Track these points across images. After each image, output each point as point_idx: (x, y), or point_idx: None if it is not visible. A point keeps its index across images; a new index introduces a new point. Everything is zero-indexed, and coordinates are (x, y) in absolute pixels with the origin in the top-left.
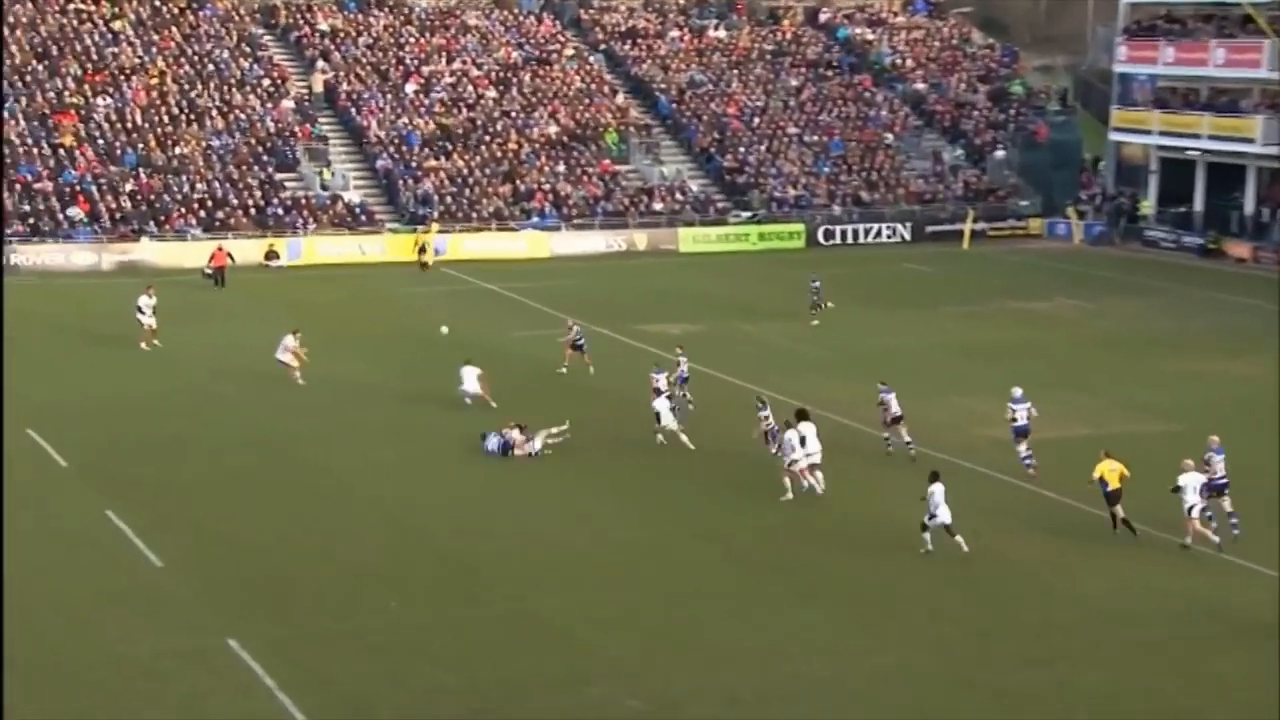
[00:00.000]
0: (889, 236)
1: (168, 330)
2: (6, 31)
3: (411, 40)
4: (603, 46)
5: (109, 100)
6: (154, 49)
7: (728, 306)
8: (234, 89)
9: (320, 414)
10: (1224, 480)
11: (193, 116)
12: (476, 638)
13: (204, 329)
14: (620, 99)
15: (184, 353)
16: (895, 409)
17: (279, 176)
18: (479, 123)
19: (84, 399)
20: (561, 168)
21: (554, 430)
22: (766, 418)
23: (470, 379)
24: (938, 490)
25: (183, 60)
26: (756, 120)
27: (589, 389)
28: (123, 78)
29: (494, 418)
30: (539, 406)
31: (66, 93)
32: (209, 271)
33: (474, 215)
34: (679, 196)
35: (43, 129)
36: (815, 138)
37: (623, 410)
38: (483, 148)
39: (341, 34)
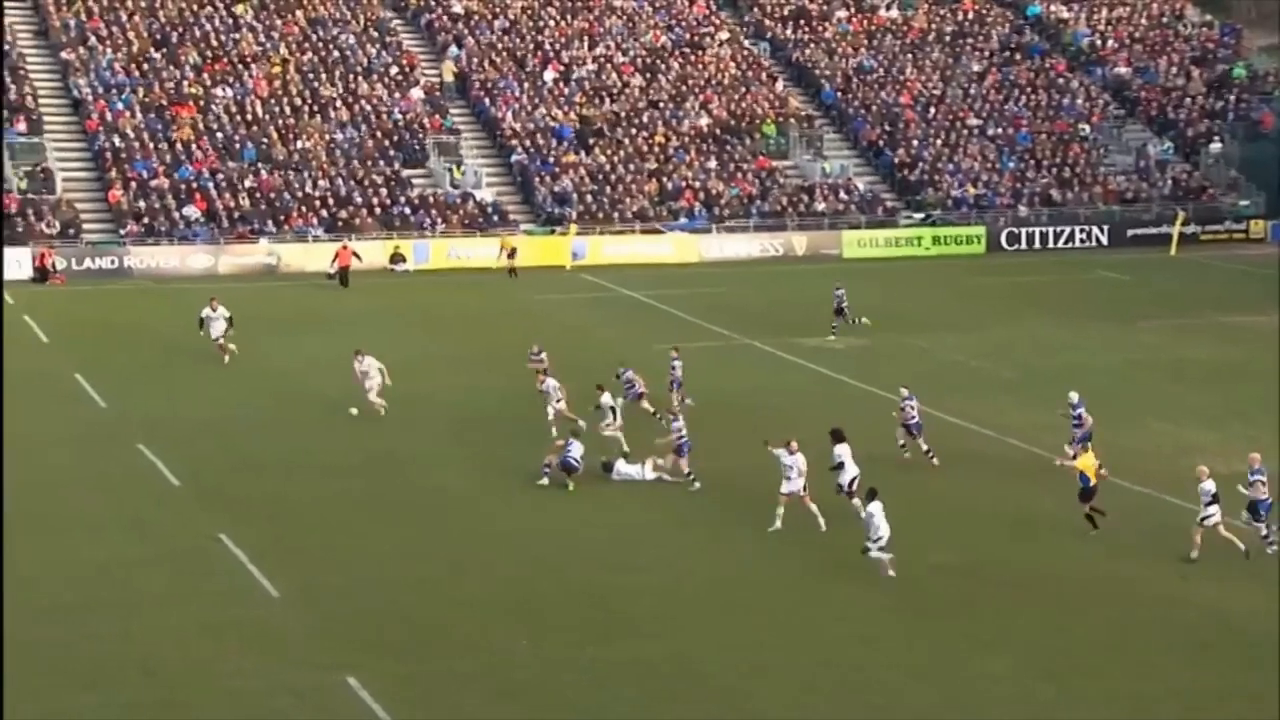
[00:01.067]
0: (1083, 240)
1: (285, 340)
2: (124, 17)
3: (551, 24)
4: (761, 29)
5: (228, 91)
6: (276, 35)
7: (896, 318)
8: (360, 78)
9: (443, 433)
10: (1267, 500)
11: (315, 108)
12: (613, 680)
13: (322, 339)
14: (780, 87)
15: (300, 364)
16: (915, 417)
17: (406, 173)
18: (623, 114)
19: (197, 413)
20: (713, 163)
21: (662, 465)
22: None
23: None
24: (877, 510)
25: (306, 47)
26: (933, 110)
27: (734, 407)
28: (243, 66)
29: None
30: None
31: (185, 83)
32: (332, 272)
33: (616, 215)
34: (843, 195)
35: (159, 121)
36: (999, 130)
37: (765, 432)
38: (627, 141)
39: (476, 17)
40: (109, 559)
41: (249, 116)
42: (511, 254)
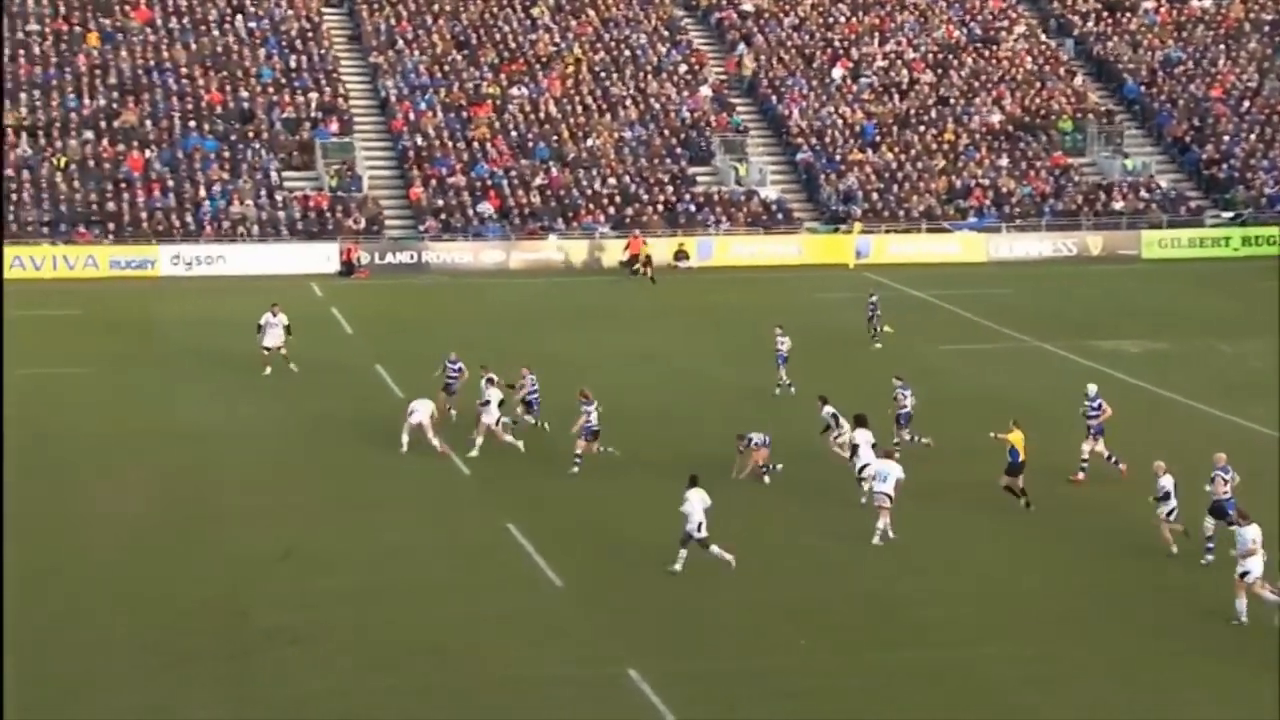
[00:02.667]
0: None
1: (574, 334)
2: (430, 20)
3: (842, 20)
4: (1066, 24)
5: (524, 90)
6: (570, 35)
7: (1199, 322)
8: (650, 76)
9: (729, 433)
10: (1228, 499)
11: (606, 106)
12: (894, 686)
13: (609, 334)
14: (1078, 82)
15: (589, 356)
16: (908, 407)
17: (692, 170)
18: (912, 110)
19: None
20: (1004, 161)
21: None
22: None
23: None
24: (694, 496)
25: (599, 47)
26: (1246, 104)
27: (1019, 411)
28: (538, 66)
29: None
30: (954, 427)
31: (484, 83)
32: (625, 259)
33: (902, 214)
34: (1144, 194)
35: (458, 121)
36: None
37: (1050, 439)
38: (915, 139)
39: (766, 15)
40: (401, 545)
41: (542, 115)
42: (647, 260)
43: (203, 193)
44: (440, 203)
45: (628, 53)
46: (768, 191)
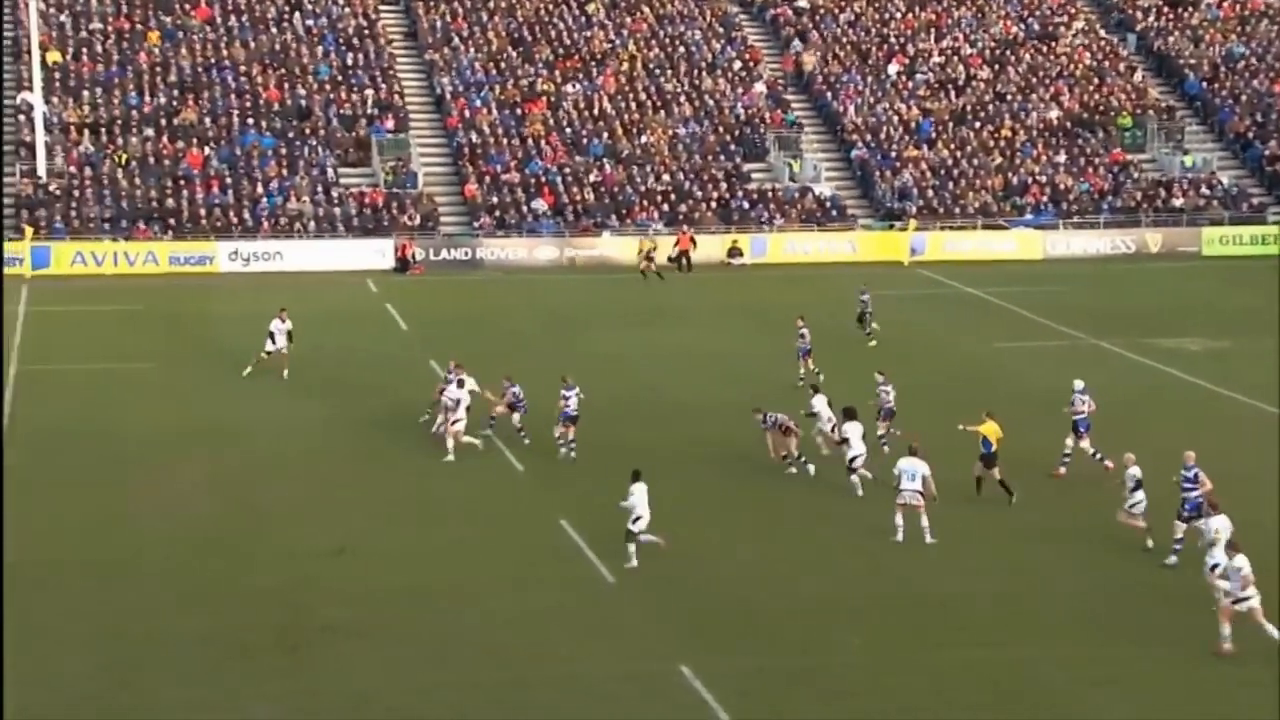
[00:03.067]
0: None
1: (624, 332)
2: (485, 17)
3: (898, 16)
4: (1128, 19)
5: (578, 87)
6: (625, 32)
7: (1261, 320)
8: (704, 73)
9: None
10: (1196, 500)
11: (660, 103)
12: (948, 686)
13: (658, 331)
14: (1138, 77)
15: (636, 353)
16: (890, 403)
17: (746, 167)
18: (968, 107)
19: (540, 399)
20: (1062, 157)
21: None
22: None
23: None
24: (639, 490)
25: (654, 44)
26: None
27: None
28: (593, 63)
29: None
30: (1008, 426)
31: (538, 80)
32: (673, 255)
33: (957, 211)
34: (1204, 191)
35: (513, 118)
36: None
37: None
38: (971, 135)
39: (822, 11)
40: (455, 540)
41: (596, 112)
42: (649, 256)
43: (260, 189)
44: (495, 199)
45: (682, 49)
46: (822, 188)
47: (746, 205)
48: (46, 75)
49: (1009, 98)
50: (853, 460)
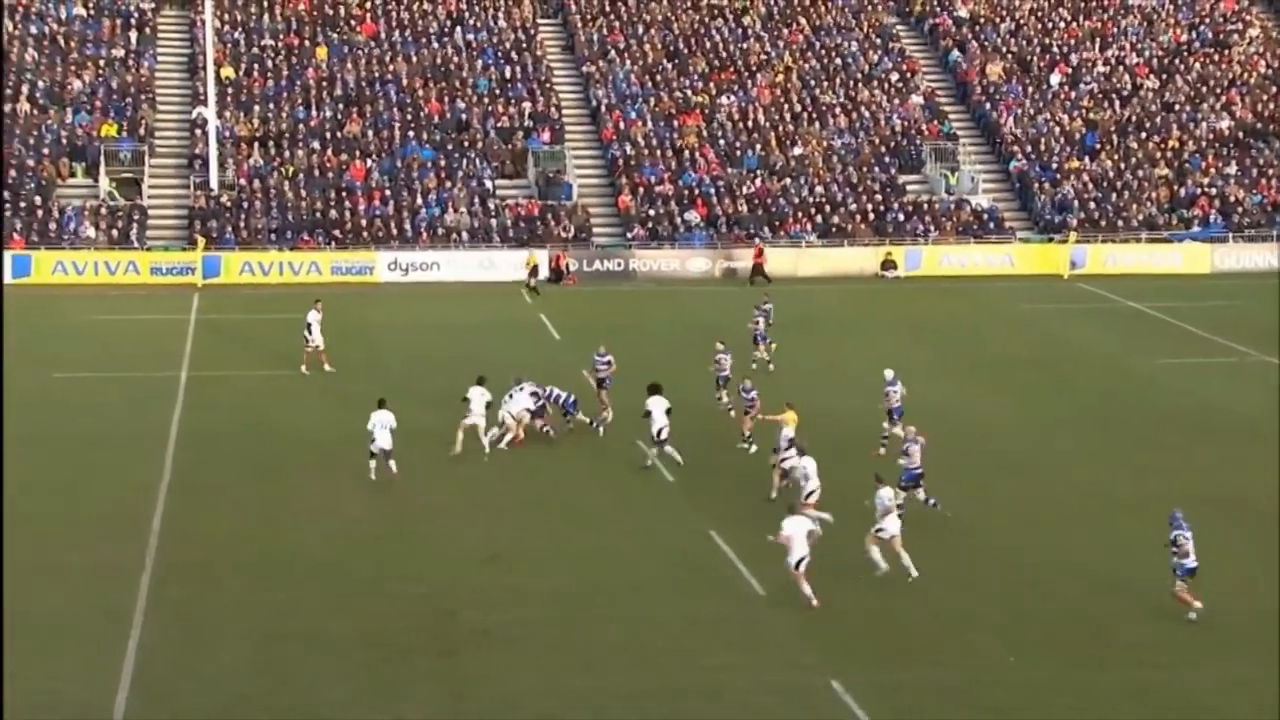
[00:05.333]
0: None
1: (783, 340)
2: (641, 30)
3: (1061, 25)
4: None
5: (733, 99)
6: (782, 43)
7: None
8: (860, 84)
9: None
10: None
11: (815, 115)
12: (1104, 706)
13: (811, 342)
14: None
15: (791, 367)
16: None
17: (901, 179)
18: (1133, 117)
19: (689, 409)
20: (1233, 169)
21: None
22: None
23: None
24: (655, 404)
25: (809, 55)
26: None
27: (1240, 429)
28: (748, 75)
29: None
30: (1171, 442)
31: (692, 92)
32: (752, 268)
33: (1119, 223)
34: None
35: (667, 130)
36: None
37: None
38: (1136, 146)
39: (982, 20)
40: (605, 548)
41: (750, 124)
42: (533, 271)
43: (419, 201)
44: (648, 211)
45: (838, 60)
46: (979, 200)
47: (901, 217)
48: (220, 90)
49: (1177, 107)
50: (660, 432)
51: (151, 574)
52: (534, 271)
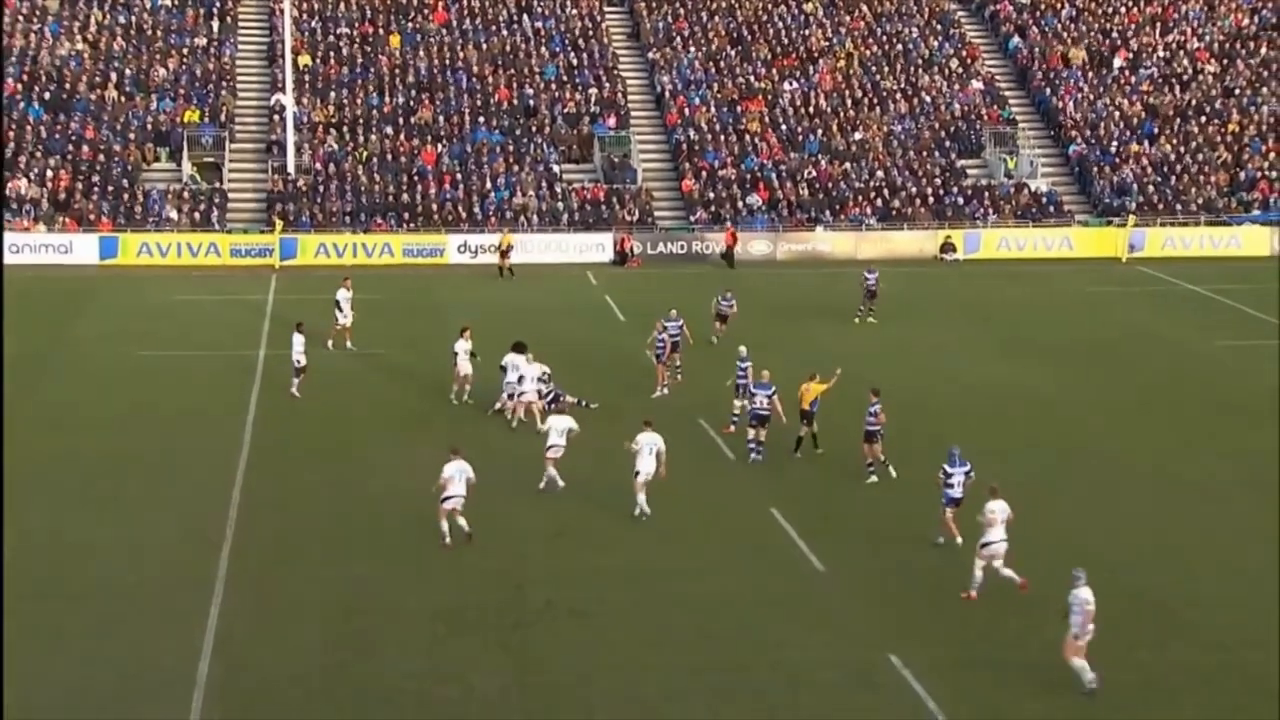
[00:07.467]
0: None
1: (832, 324)
2: (706, 17)
3: (1123, 10)
4: None
5: (795, 84)
6: (843, 30)
7: None
8: (921, 70)
9: (986, 422)
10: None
11: (876, 100)
12: (1166, 687)
13: (872, 324)
14: None
15: (847, 349)
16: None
17: (961, 163)
18: (1194, 101)
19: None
20: None
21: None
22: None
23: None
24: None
25: (871, 41)
26: None
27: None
28: (809, 61)
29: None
30: (1228, 426)
31: (755, 78)
32: (722, 251)
33: (1178, 207)
34: None
35: (730, 115)
36: None
37: None
38: (1196, 130)
39: (1043, 6)
40: (669, 526)
41: (812, 109)
42: (505, 252)
43: (488, 185)
44: (710, 194)
45: (899, 46)
46: (1038, 184)
47: (961, 201)
48: (297, 78)
49: (1237, 92)
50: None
51: (232, 545)
52: (505, 253)
